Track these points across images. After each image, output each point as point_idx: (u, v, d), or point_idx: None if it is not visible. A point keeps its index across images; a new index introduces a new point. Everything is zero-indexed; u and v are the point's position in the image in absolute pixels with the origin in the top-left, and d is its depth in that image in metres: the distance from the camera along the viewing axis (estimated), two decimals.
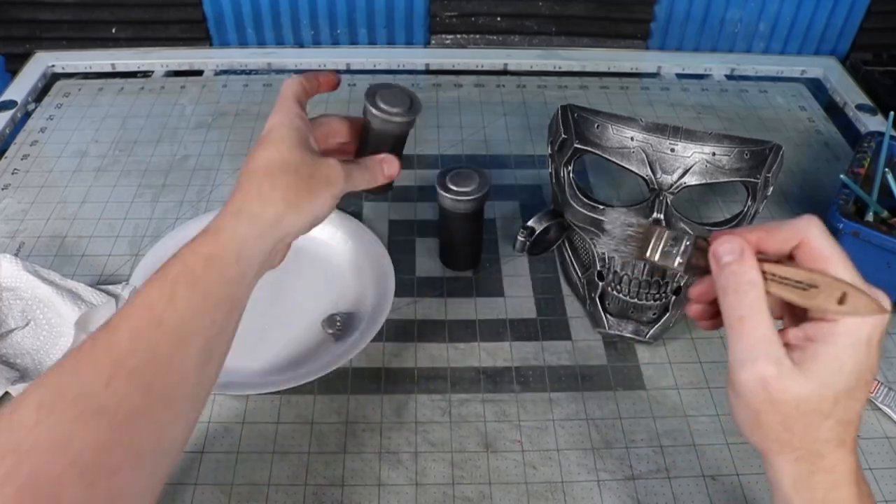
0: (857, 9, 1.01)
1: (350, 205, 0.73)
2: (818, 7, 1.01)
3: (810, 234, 0.35)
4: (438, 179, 0.63)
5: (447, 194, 0.62)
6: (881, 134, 0.70)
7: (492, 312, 0.64)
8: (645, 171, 0.58)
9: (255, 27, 1.02)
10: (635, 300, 0.58)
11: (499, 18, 1.03)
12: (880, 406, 0.57)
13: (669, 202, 0.57)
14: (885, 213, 0.64)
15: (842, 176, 0.63)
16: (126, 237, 0.71)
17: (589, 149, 0.60)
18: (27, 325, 0.59)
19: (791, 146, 0.85)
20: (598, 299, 0.60)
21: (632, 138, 0.59)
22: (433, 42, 1.04)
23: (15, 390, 0.54)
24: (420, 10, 1.01)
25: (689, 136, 0.58)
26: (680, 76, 0.99)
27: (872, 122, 0.89)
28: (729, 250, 0.35)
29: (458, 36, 1.04)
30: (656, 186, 0.58)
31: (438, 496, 0.51)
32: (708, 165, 0.57)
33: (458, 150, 0.82)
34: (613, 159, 0.59)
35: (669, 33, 1.04)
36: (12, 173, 0.78)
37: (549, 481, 0.52)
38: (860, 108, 0.92)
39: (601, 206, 0.60)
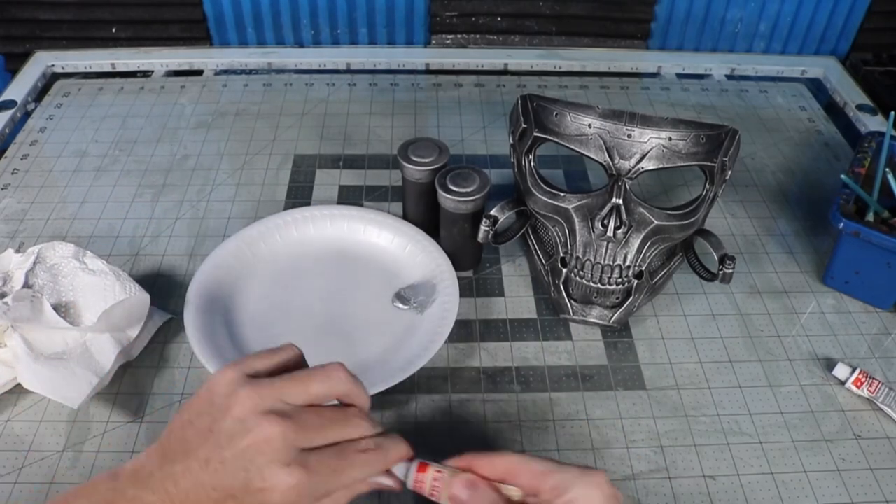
0: (858, 9, 1.01)
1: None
2: (818, 7, 1.01)
3: (517, 468, 0.40)
4: (439, 180, 0.63)
5: (448, 194, 0.62)
6: (881, 134, 0.70)
7: (492, 312, 0.64)
8: (603, 158, 0.59)
9: (256, 27, 1.02)
10: (598, 285, 0.59)
11: (499, 18, 1.03)
12: (880, 406, 0.57)
13: (628, 187, 0.58)
14: (885, 213, 0.64)
15: (842, 176, 0.63)
16: (126, 237, 0.71)
17: (548, 137, 0.60)
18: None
19: (791, 146, 0.85)
20: (562, 286, 0.60)
21: (589, 125, 0.59)
22: (433, 42, 1.04)
23: None
24: (420, 9, 1.01)
25: (646, 121, 0.58)
26: (680, 76, 0.99)
27: (873, 122, 0.89)
28: (463, 485, 0.39)
29: (459, 36, 1.04)
30: (615, 172, 0.58)
31: None
32: (665, 150, 0.58)
33: (458, 150, 0.82)
34: (572, 146, 0.60)
35: (670, 33, 1.04)
36: (12, 173, 0.78)
37: None
38: (860, 108, 0.92)
39: (562, 194, 0.60)
